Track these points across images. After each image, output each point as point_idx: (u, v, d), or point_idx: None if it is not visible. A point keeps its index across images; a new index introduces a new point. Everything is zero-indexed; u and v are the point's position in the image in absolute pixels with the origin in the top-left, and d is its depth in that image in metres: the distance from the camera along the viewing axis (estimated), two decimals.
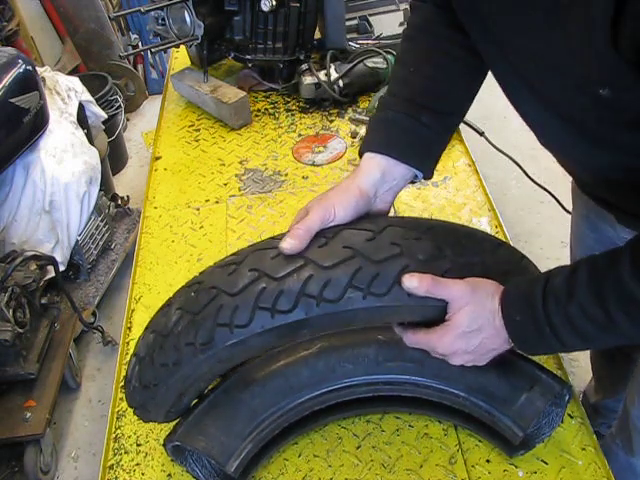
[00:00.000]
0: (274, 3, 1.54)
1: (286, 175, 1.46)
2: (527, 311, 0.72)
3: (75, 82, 2.33)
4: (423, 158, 0.85)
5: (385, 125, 0.85)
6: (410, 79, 0.86)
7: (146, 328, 0.82)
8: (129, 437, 0.96)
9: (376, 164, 0.82)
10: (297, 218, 0.78)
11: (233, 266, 0.74)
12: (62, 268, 2.08)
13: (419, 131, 0.84)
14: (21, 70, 1.92)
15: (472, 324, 0.74)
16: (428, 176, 0.87)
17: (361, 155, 0.85)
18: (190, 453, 0.87)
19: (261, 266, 0.72)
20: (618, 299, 0.65)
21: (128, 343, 1.12)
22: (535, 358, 0.96)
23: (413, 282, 0.70)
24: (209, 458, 0.83)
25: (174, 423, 0.86)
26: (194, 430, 0.83)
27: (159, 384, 0.77)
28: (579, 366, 2.04)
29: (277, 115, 1.67)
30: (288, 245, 0.72)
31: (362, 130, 1.55)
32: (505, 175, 2.72)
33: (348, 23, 1.72)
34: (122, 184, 3.11)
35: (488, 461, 0.87)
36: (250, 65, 1.71)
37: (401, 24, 1.85)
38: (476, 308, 0.73)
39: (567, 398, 0.85)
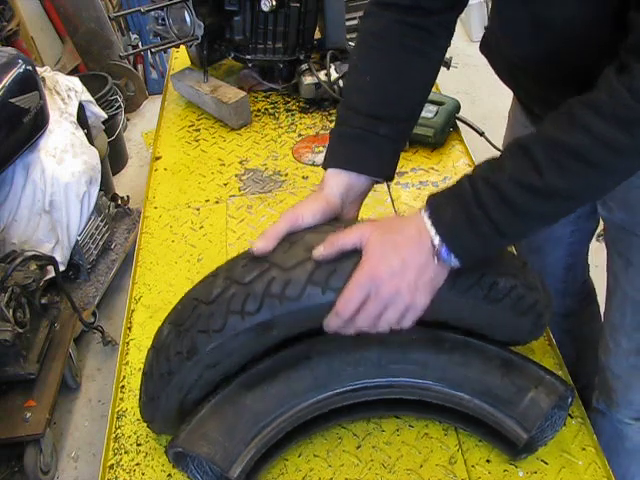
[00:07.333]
0: (274, 3, 1.54)
1: (286, 175, 1.46)
2: (456, 200, 0.72)
3: (75, 82, 2.33)
4: (383, 167, 0.90)
5: (345, 141, 0.89)
6: (366, 89, 0.89)
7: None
8: (129, 437, 0.96)
9: (340, 180, 0.87)
10: None
11: (211, 278, 0.81)
12: (62, 268, 2.08)
13: (377, 143, 0.88)
14: (21, 70, 1.92)
15: (385, 243, 0.73)
16: (390, 179, 0.93)
17: (325, 168, 0.89)
18: (192, 459, 0.86)
19: (232, 274, 0.78)
20: (545, 154, 0.67)
21: (128, 343, 1.12)
22: (534, 357, 0.96)
23: (319, 250, 0.74)
24: (212, 464, 0.82)
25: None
26: (196, 435, 0.82)
27: (160, 395, 0.84)
28: None
29: (277, 115, 1.67)
30: (256, 246, 0.78)
31: None
32: None
33: (348, 23, 1.71)
34: (122, 184, 3.10)
35: (488, 461, 0.87)
36: (250, 65, 1.71)
37: None
38: (383, 228, 0.75)
39: (570, 400, 0.85)
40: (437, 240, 0.72)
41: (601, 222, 1.12)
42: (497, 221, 0.70)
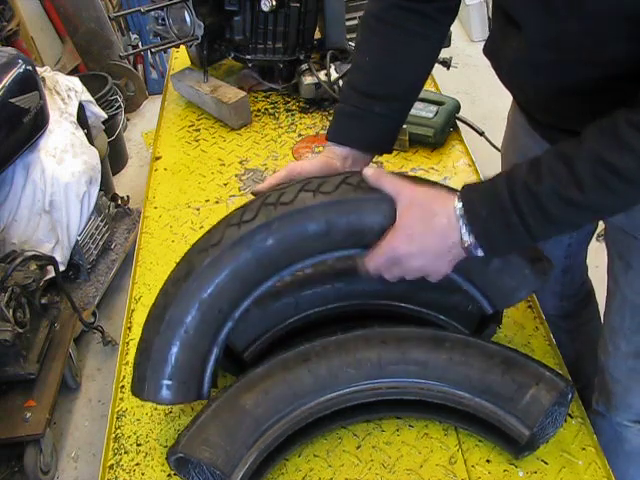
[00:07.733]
0: (274, 3, 1.54)
1: None
2: (492, 201, 0.75)
3: (75, 82, 2.33)
4: (377, 143, 0.97)
5: (341, 117, 0.97)
6: (365, 68, 0.95)
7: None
8: (129, 437, 0.96)
9: (337, 151, 0.94)
10: None
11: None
12: (62, 268, 2.08)
13: (371, 121, 0.94)
14: (21, 70, 1.92)
15: (414, 226, 0.78)
16: (388, 153, 1.01)
17: (326, 140, 0.96)
18: (193, 465, 0.85)
19: (236, 210, 0.87)
20: (590, 172, 0.68)
21: (128, 343, 1.11)
22: (534, 356, 0.96)
23: (368, 170, 0.83)
24: (214, 468, 0.81)
25: (176, 435, 0.85)
26: (197, 440, 0.81)
27: (153, 338, 0.84)
28: None
29: (277, 115, 1.67)
30: (256, 187, 0.91)
31: None
32: None
33: (348, 23, 1.71)
34: (122, 184, 3.10)
35: (488, 461, 0.87)
36: (250, 65, 1.71)
37: None
38: (420, 208, 0.79)
39: (570, 396, 0.85)
40: (468, 236, 0.76)
41: (601, 222, 1.12)
42: (530, 226, 0.73)
